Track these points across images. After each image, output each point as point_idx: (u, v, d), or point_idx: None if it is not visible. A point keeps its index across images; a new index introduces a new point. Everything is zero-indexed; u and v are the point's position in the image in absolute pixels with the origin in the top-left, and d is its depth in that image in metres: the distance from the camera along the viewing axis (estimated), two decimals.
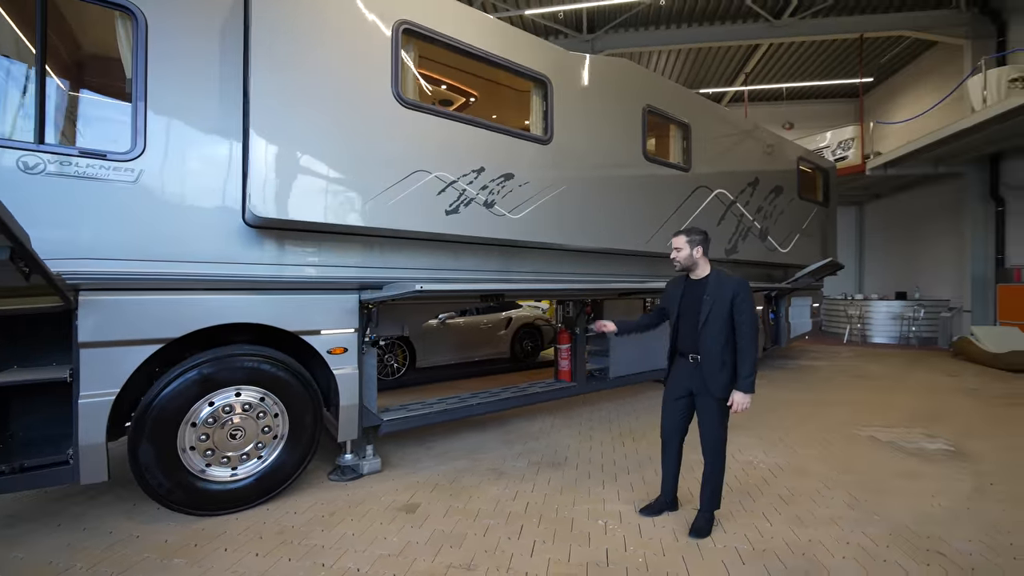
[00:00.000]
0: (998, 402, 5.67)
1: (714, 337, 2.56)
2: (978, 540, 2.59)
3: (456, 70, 3.55)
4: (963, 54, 9.82)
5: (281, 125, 2.60)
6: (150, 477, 2.64)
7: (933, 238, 11.06)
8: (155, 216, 2.62)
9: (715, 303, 2.56)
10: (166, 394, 2.67)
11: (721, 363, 2.55)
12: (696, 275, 2.70)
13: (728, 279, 2.62)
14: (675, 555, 2.45)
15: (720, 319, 2.55)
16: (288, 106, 2.62)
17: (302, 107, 2.67)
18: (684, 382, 2.72)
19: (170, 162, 2.66)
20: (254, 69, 2.50)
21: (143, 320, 2.61)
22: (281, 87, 2.60)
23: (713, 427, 2.64)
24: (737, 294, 2.54)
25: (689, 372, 2.68)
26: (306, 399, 3.11)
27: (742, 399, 2.53)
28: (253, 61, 2.50)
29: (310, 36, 2.71)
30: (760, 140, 6.36)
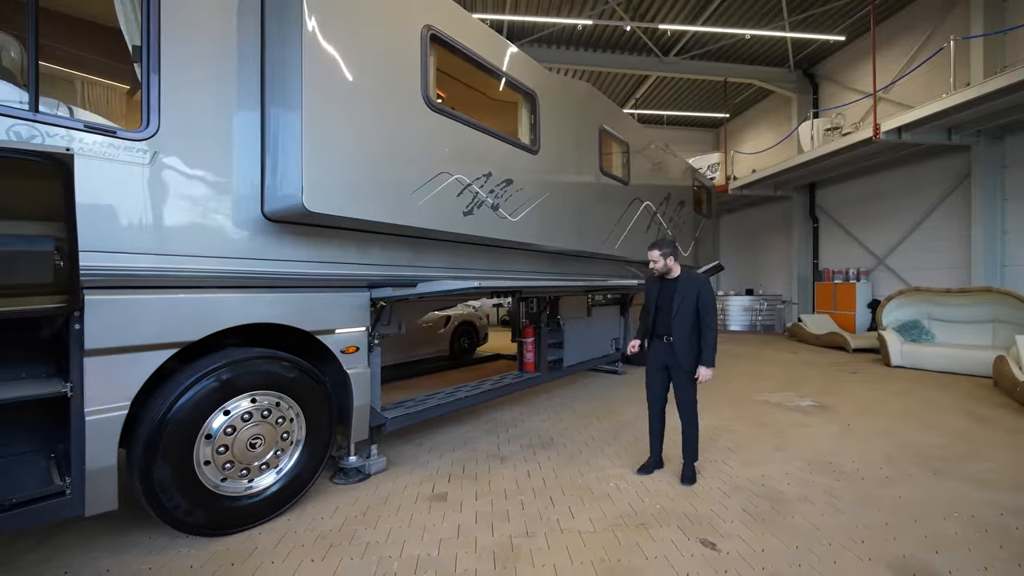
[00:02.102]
0: (829, 369, 7.65)
1: (684, 324, 3.19)
2: (858, 461, 3.69)
3: (462, 80, 3.69)
4: (791, 104, 12.71)
5: (330, 119, 2.52)
6: (166, 499, 2.35)
7: (770, 246, 14.07)
8: (169, 205, 2.34)
9: (684, 298, 3.20)
10: (182, 404, 2.39)
11: (689, 344, 3.18)
12: (669, 276, 3.32)
13: (694, 278, 3.27)
14: (681, 500, 3.04)
15: (689, 309, 3.18)
16: (336, 101, 2.55)
17: (348, 103, 2.61)
18: (661, 358, 3.34)
19: (186, 145, 2.39)
20: (306, 60, 2.39)
21: (157, 322, 2.31)
22: (329, 81, 2.52)
23: (687, 395, 3.27)
24: (701, 291, 3.20)
25: (665, 350, 3.30)
26: (322, 401, 3.01)
27: (706, 372, 3.17)
28: (305, 51, 2.39)
29: (354, 31, 2.65)
30: (669, 160, 7.54)
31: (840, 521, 2.77)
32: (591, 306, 6.39)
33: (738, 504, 2.98)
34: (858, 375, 7.14)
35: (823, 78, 11.97)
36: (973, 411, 5.12)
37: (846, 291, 10.67)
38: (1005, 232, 7.93)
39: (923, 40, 9.19)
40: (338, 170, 2.58)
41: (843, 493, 3.14)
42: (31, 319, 2.06)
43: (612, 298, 7.15)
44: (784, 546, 2.51)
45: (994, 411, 5.12)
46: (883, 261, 10.34)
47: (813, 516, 2.83)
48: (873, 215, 10.64)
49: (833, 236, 11.85)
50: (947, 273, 8.98)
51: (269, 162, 2.63)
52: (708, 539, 2.58)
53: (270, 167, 2.62)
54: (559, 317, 5.61)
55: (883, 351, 7.76)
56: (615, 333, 6.96)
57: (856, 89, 10.88)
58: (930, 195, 9.37)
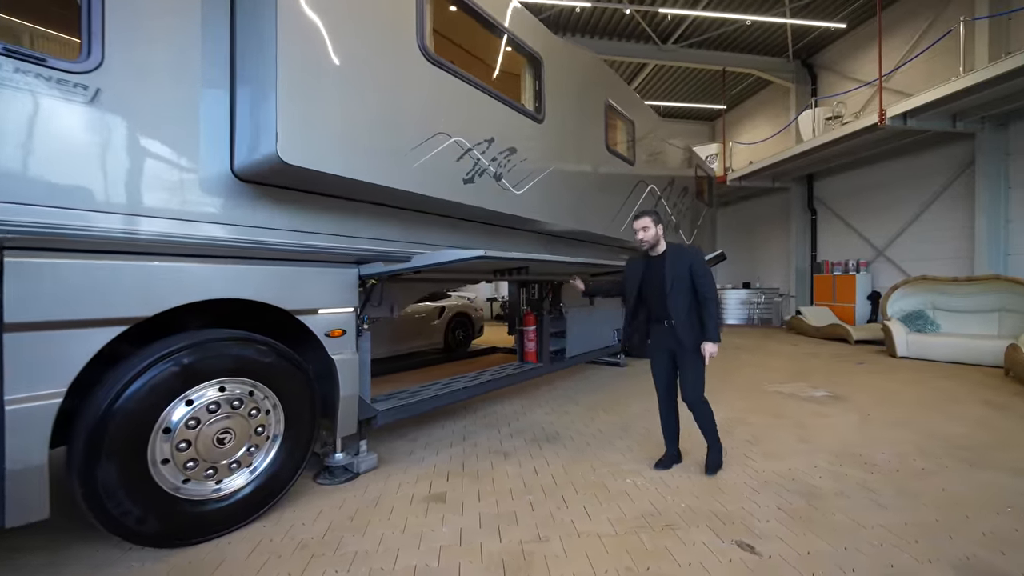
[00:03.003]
0: (834, 360, 7.45)
1: (681, 302, 2.87)
2: (888, 452, 3.43)
3: (461, 38, 3.33)
4: (789, 95, 12.54)
5: (310, 58, 2.16)
6: (113, 505, 1.97)
7: (768, 239, 13.92)
8: (116, 154, 1.95)
9: (676, 273, 2.86)
10: (134, 393, 2.02)
11: (690, 323, 2.88)
12: (656, 252, 2.97)
13: (684, 250, 2.94)
14: (708, 497, 2.73)
15: (683, 286, 2.87)
16: (317, 38, 2.19)
17: (332, 41, 2.24)
18: (663, 343, 3.04)
19: (138, 84, 2.00)
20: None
21: (101, 293, 1.93)
22: (309, 13, 2.15)
23: (695, 375, 2.97)
24: (694, 262, 2.87)
25: (666, 335, 2.99)
26: (304, 390, 2.64)
27: (712, 347, 2.88)
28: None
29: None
30: (675, 145, 7.26)
31: (885, 518, 2.49)
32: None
33: (771, 501, 2.69)
34: (865, 366, 6.94)
35: (822, 68, 11.81)
36: (989, 400, 4.92)
37: (845, 283, 10.52)
38: (1009, 221, 7.80)
39: (925, 27, 9.04)
40: (320, 119, 2.21)
41: (880, 487, 2.86)
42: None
43: None
44: (831, 548, 2.21)
45: (1010, 399, 4.93)
46: (883, 252, 10.21)
47: (854, 513, 2.54)
48: (872, 206, 10.51)
49: (832, 228, 11.71)
50: (948, 263, 8.85)
51: (240, 110, 2.25)
52: (745, 541, 2.27)
53: (241, 116, 2.24)
54: (561, 304, 5.28)
55: (888, 342, 7.59)
56: (618, 323, 6.66)
57: (855, 79, 10.72)
58: (931, 185, 9.24)
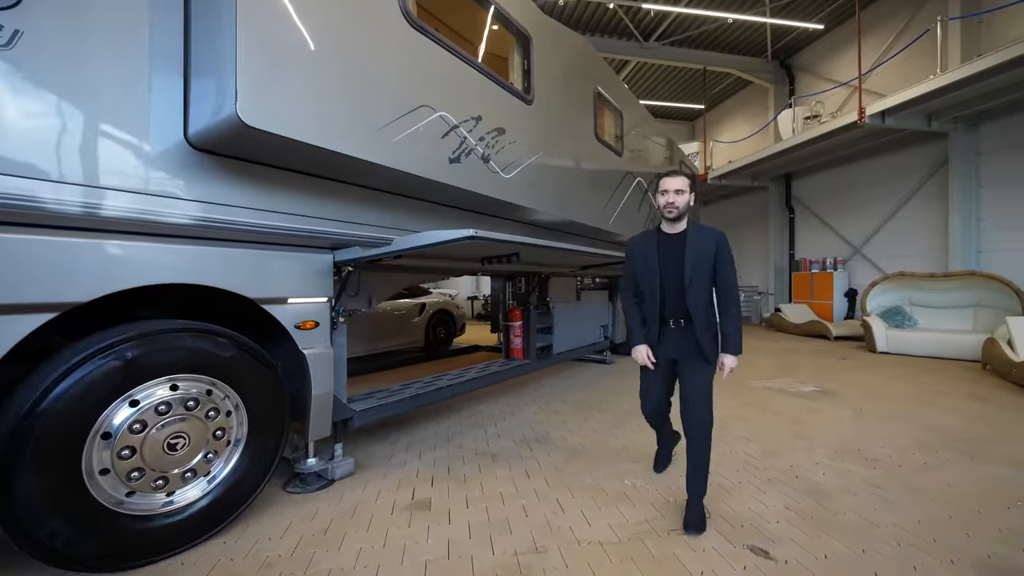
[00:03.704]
0: (817, 356, 7.48)
1: (701, 296, 2.23)
2: (887, 446, 3.35)
3: (447, 5, 3.10)
4: (768, 95, 12.72)
5: (278, 15, 1.89)
6: (35, 524, 1.66)
7: (747, 237, 14.08)
8: (41, 111, 1.65)
9: (699, 258, 2.21)
10: (64, 392, 1.71)
11: (708, 324, 2.25)
12: (674, 228, 2.28)
13: (708, 230, 2.27)
14: (713, 498, 2.55)
15: (704, 275, 2.22)
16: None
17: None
18: (671, 350, 2.32)
19: (66, 27, 1.71)
20: None
21: (23, 273, 1.63)
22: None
23: (704, 397, 2.23)
24: (721, 245, 2.22)
25: (677, 340, 2.30)
26: (271, 389, 2.36)
27: (733, 361, 2.23)
28: None
29: None
30: (660, 140, 7.17)
31: (897, 516, 2.37)
32: (580, 289, 5.92)
33: (778, 500, 2.54)
34: (848, 361, 6.98)
35: (799, 69, 12.00)
36: (973, 393, 4.95)
37: (823, 280, 10.68)
38: (980, 219, 8.01)
39: (901, 28, 9.24)
40: (286, 79, 1.95)
41: (885, 483, 2.76)
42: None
43: (600, 282, 6.70)
44: (848, 550, 2.07)
45: (992, 392, 4.98)
46: (859, 250, 10.40)
47: (865, 511, 2.42)
48: (849, 205, 10.70)
49: (809, 226, 11.90)
50: (923, 261, 9.06)
51: (196, 68, 1.97)
52: (758, 545, 2.11)
53: (197, 75, 1.96)
54: (548, 299, 5.09)
55: (868, 337, 7.68)
56: (604, 319, 6.52)
57: (832, 80, 10.92)
58: (906, 184, 9.45)
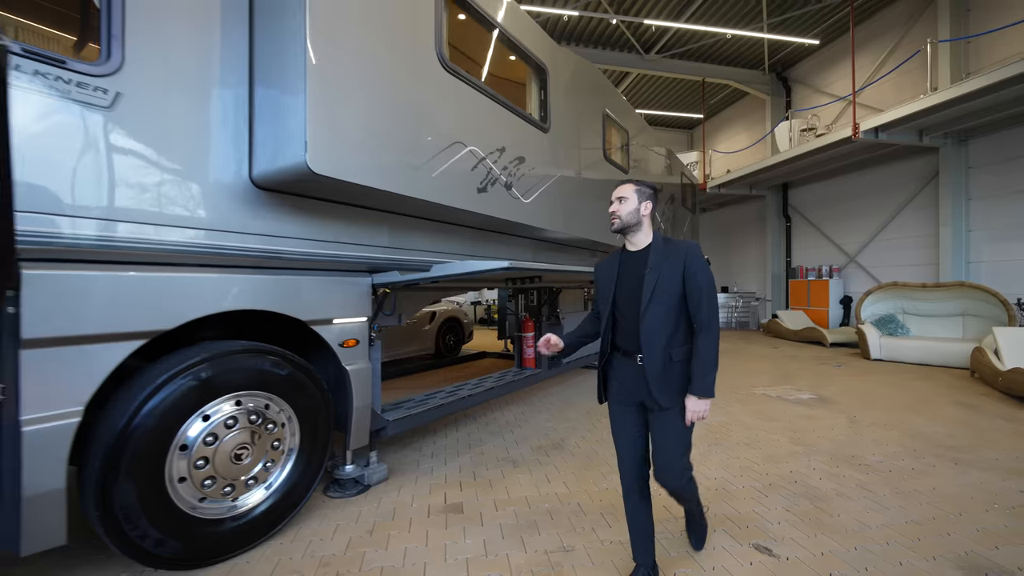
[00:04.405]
0: (814, 363, 7.76)
1: (659, 324, 1.79)
2: (879, 453, 3.60)
3: (473, 45, 3.33)
4: (765, 106, 13.03)
5: (338, 67, 2.12)
6: (131, 528, 1.88)
7: (744, 244, 14.39)
8: (135, 161, 1.88)
9: (661, 277, 1.80)
10: (152, 409, 1.93)
11: (667, 360, 1.80)
12: (635, 244, 1.91)
13: (677, 243, 1.86)
14: (720, 502, 2.81)
15: (668, 298, 1.79)
16: (344, 46, 2.16)
17: (357, 50, 2.22)
18: (628, 391, 1.92)
19: (157, 87, 1.94)
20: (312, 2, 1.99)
21: (120, 306, 1.85)
22: (337, 20, 2.12)
23: (676, 443, 1.85)
24: (690, 259, 1.80)
25: (631, 376, 1.89)
26: (319, 402, 2.58)
27: (697, 406, 1.77)
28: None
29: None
30: (663, 154, 7.44)
31: (887, 518, 2.61)
32: (587, 300, 6.16)
33: (778, 503, 2.79)
34: (843, 368, 7.25)
35: (796, 81, 12.32)
36: (961, 400, 5.22)
37: (819, 288, 10.98)
38: (970, 230, 8.31)
39: (892, 46, 9.56)
40: (346, 129, 2.18)
41: (877, 487, 3.01)
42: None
43: None
44: (843, 548, 2.31)
45: (979, 399, 5.25)
46: (854, 259, 10.71)
47: (858, 514, 2.66)
48: (844, 214, 11.01)
49: (805, 234, 12.20)
50: (915, 270, 9.36)
51: (260, 116, 2.20)
52: (762, 544, 2.35)
53: (261, 122, 2.19)
54: (558, 311, 5.33)
55: (862, 345, 7.96)
56: None
57: (827, 92, 11.24)
58: (898, 196, 9.76)
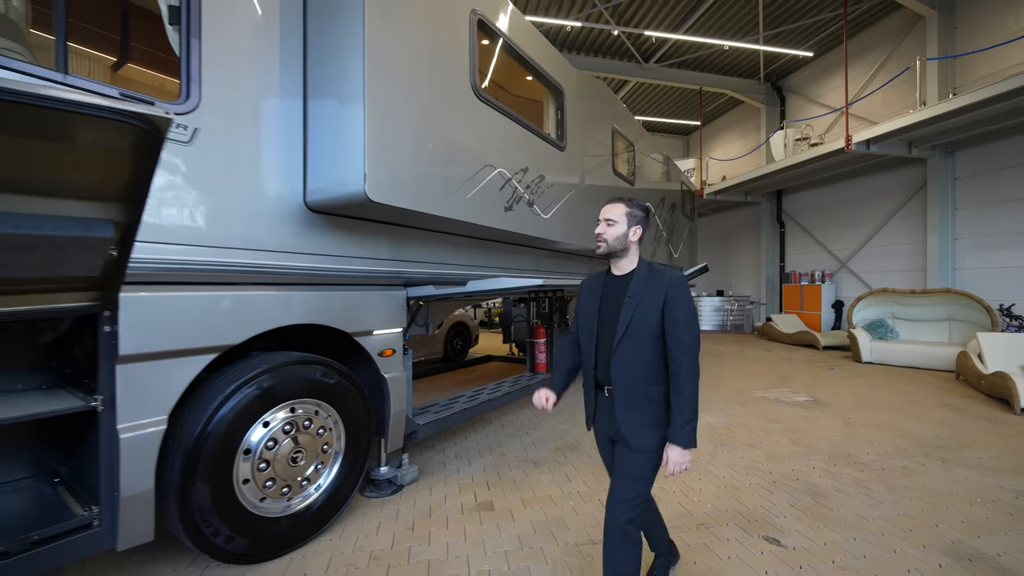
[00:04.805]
0: (808, 366, 8.06)
1: (633, 358, 1.68)
2: (872, 452, 3.87)
3: (498, 71, 3.54)
4: (759, 114, 13.38)
5: (389, 103, 2.32)
6: (206, 526, 2.07)
7: (739, 249, 14.74)
8: (210, 190, 2.06)
9: (640, 307, 1.67)
10: (223, 416, 2.12)
11: (644, 399, 1.68)
12: (620, 269, 1.80)
13: (661, 273, 1.73)
14: (729, 499, 3.04)
15: (644, 332, 1.67)
16: (394, 84, 2.35)
17: (405, 87, 2.42)
18: (603, 425, 1.84)
19: (228, 123, 2.12)
20: (369, 36, 2.19)
21: (198, 323, 2.04)
22: (388, 62, 2.32)
23: (625, 482, 1.70)
24: (671, 290, 1.66)
25: (605, 410, 1.80)
26: (361, 408, 2.78)
27: (681, 458, 1.62)
28: (368, 26, 2.18)
29: (410, 8, 2.47)
30: (664, 162, 7.69)
31: (881, 512, 2.86)
32: None
33: (783, 499, 3.03)
34: (835, 371, 7.56)
35: (790, 91, 12.67)
36: (947, 403, 5.52)
37: (812, 292, 11.32)
38: (956, 238, 8.67)
39: (883, 59, 9.92)
40: (396, 159, 2.38)
41: (872, 484, 3.26)
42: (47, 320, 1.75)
43: None
44: (843, 539, 2.55)
45: (964, 402, 5.55)
46: (845, 264, 11.06)
47: (855, 508, 2.91)
48: (836, 221, 11.37)
49: (799, 240, 12.56)
50: (904, 275, 9.72)
51: (315, 147, 2.39)
52: (771, 536, 2.59)
53: (317, 152, 2.38)
54: (568, 317, 5.55)
55: (854, 348, 8.28)
56: None
57: (820, 103, 11.59)
58: (888, 204, 10.12)
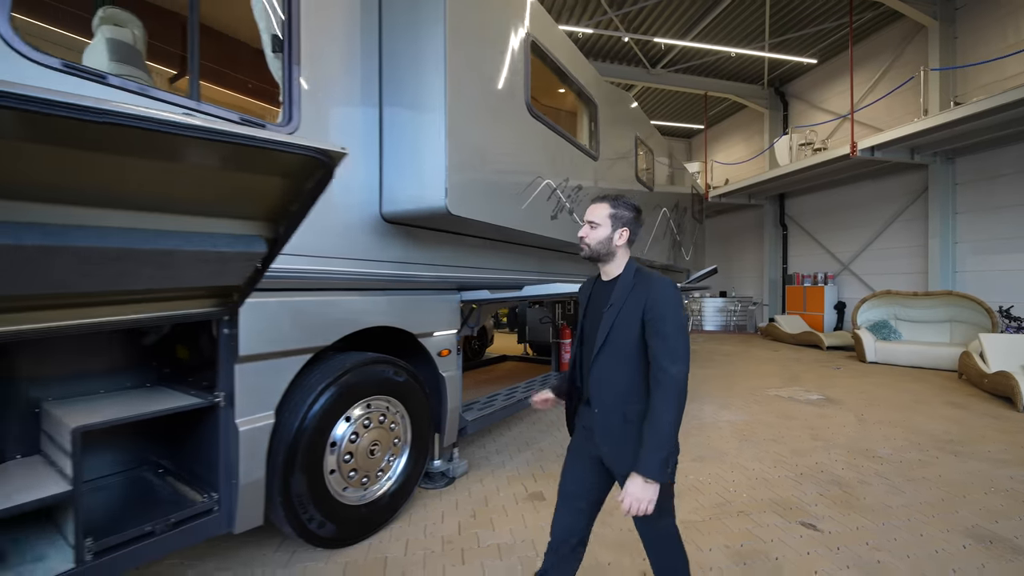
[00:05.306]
0: (815, 365, 8.32)
1: (612, 372, 1.52)
2: (887, 446, 4.11)
3: (543, 87, 3.74)
4: (763, 118, 13.66)
5: (463, 121, 2.52)
6: (302, 511, 2.26)
7: (742, 251, 15.02)
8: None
9: (620, 316, 1.51)
10: (315, 412, 2.31)
11: (623, 418, 1.51)
12: (607, 274, 1.65)
13: (646, 279, 1.55)
14: (763, 489, 3.26)
15: (624, 343, 1.51)
16: (468, 103, 2.55)
17: (475, 106, 2.62)
18: (582, 442, 1.65)
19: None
20: (450, 58, 2.38)
21: (298, 326, 2.22)
22: (463, 83, 2.52)
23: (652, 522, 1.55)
24: (656, 299, 1.47)
25: (586, 427, 1.63)
26: (424, 404, 2.97)
27: (641, 494, 1.38)
28: (449, 49, 2.38)
29: (479, 32, 2.67)
30: (677, 167, 7.92)
31: (904, 500, 3.09)
32: None
33: (812, 489, 3.25)
34: (842, 371, 7.82)
35: (793, 96, 12.96)
36: (952, 401, 5.78)
37: (815, 293, 11.61)
38: (956, 242, 8.97)
39: (885, 67, 10.21)
40: (469, 174, 2.58)
41: (892, 475, 3.50)
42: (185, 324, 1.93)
43: None
44: (874, 524, 2.78)
45: (967, 400, 5.82)
46: (848, 266, 11.36)
47: (880, 497, 3.14)
48: (838, 225, 11.66)
49: (801, 243, 12.85)
50: (905, 278, 10.02)
51: (391, 162, 2.58)
52: (807, 522, 2.81)
53: (393, 168, 2.57)
54: None
55: (858, 348, 8.55)
56: None
57: (823, 108, 11.88)
58: (890, 208, 10.42)
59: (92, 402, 2.00)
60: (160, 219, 1.34)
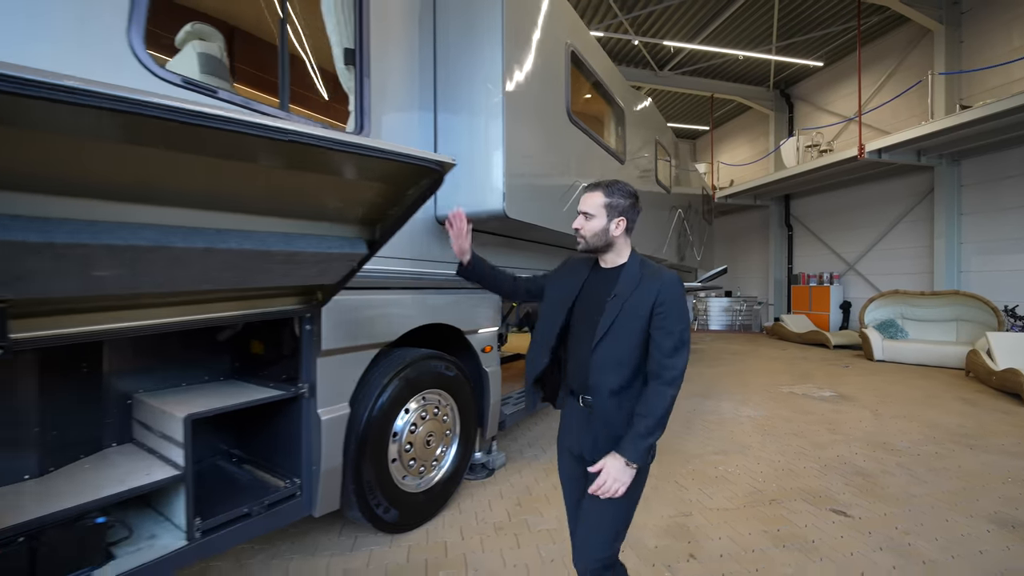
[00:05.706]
0: (823, 364, 8.48)
1: (611, 365, 1.49)
2: (904, 440, 4.27)
3: (581, 96, 3.89)
4: (768, 120, 13.83)
5: (517, 127, 2.66)
6: (371, 497, 2.40)
7: (748, 251, 15.20)
8: None
9: (625, 307, 1.49)
10: (382, 404, 2.45)
11: (620, 409, 1.49)
12: (608, 262, 1.62)
13: (655, 272, 1.54)
14: (789, 479, 3.41)
15: (627, 336, 1.49)
16: (521, 109, 2.69)
17: (525, 113, 2.76)
18: (572, 437, 1.62)
19: None
20: (506, 66, 2.53)
21: (370, 322, 2.37)
22: (516, 90, 2.66)
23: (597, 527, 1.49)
24: (663, 295, 1.47)
25: (578, 420, 1.59)
26: (471, 398, 3.11)
27: (618, 475, 1.39)
28: (506, 56, 2.52)
29: (529, 40, 2.81)
30: (689, 168, 8.08)
31: (927, 489, 3.25)
32: None
33: (837, 479, 3.40)
34: (851, 368, 7.99)
35: (798, 98, 13.14)
36: (962, 396, 5.95)
37: (821, 293, 11.78)
38: (961, 243, 9.15)
39: (891, 70, 10.39)
40: (522, 179, 2.72)
41: (912, 466, 3.65)
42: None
43: None
44: (900, 511, 2.93)
45: (977, 396, 5.98)
46: (853, 267, 11.53)
47: (903, 486, 3.29)
48: (843, 225, 11.83)
49: (807, 243, 13.02)
50: (911, 278, 10.20)
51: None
52: (837, 509, 2.96)
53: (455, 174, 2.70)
54: None
55: (866, 347, 8.72)
56: None
57: (828, 111, 12.05)
58: (895, 209, 10.59)
59: (180, 394, 2.14)
60: (285, 223, 1.48)
